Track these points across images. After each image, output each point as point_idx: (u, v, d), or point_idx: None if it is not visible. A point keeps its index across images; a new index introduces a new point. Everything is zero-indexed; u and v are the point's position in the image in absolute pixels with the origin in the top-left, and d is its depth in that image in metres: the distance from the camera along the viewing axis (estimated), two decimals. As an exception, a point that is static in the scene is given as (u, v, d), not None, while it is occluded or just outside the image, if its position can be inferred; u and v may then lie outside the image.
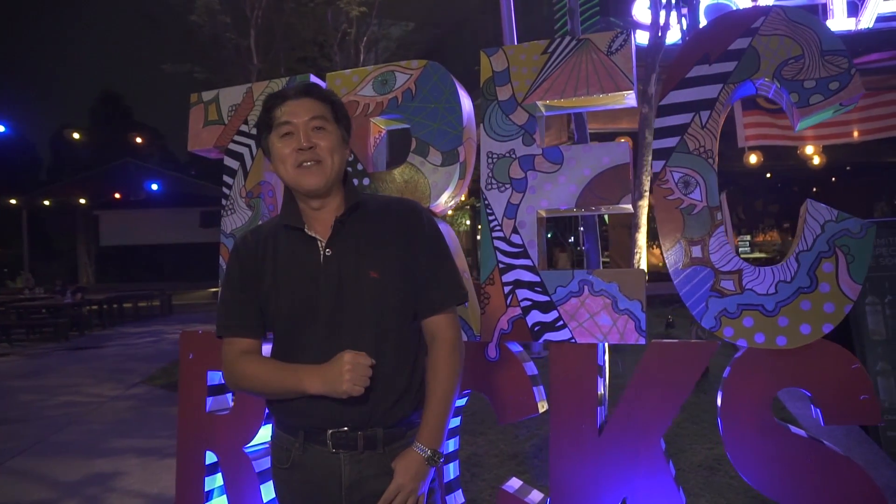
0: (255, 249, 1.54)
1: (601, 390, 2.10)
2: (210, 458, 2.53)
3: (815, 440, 1.86)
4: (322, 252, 1.48)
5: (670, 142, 2.06)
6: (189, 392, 2.58)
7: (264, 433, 2.47)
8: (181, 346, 2.62)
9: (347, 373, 1.36)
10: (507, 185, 2.22)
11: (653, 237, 9.85)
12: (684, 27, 4.99)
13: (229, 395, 2.68)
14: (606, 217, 14.32)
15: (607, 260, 13.63)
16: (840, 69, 1.90)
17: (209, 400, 2.57)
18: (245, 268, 1.54)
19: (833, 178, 16.07)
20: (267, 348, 1.60)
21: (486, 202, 2.25)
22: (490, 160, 2.26)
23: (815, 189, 17.61)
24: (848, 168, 14.50)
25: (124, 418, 6.17)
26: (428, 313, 1.52)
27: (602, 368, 2.14)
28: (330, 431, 1.44)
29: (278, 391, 1.47)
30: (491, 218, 2.23)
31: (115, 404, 6.81)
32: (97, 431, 5.64)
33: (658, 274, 9.15)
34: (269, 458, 2.43)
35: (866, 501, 1.78)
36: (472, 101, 2.42)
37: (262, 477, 2.43)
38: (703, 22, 5.06)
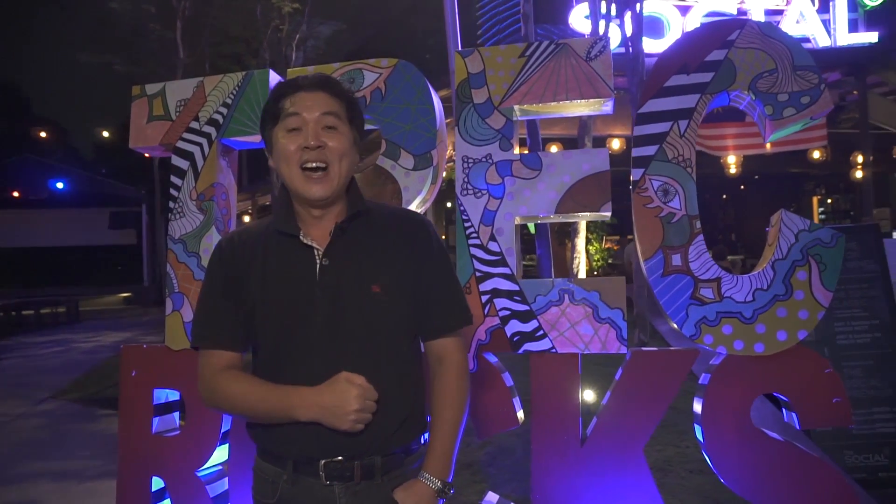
0: (243, 253, 1.39)
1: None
2: (157, 483, 2.32)
3: (790, 443, 1.90)
4: (318, 261, 1.35)
5: (649, 150, 2.06)
6: (132, 412, 2.36)
7: (219, 454, 2.29)
8: (123, 361, 2.40)
9: (355, 413, 1.25)
10: (484, 191, 2.16)
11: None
12: (628, 34, 5.11)
13: (176, 415, 2.48)
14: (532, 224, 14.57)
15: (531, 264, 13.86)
16: (811, 84, 1.96)
17: (155, 420, 2.36)
18: (228, 273, 1.38)
19: (742, 186, 17.12)
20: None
21: (462, 208, 2.18)
22: (465, 164, 2.19)
23: (724, 196, 18.69)
24: (756, 177, 15.48)
25: (35, 438, 5.65)
26: (436, 335, 1.43)
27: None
28: (323, 462, 1.31)
29: (264, 415, 1.33)
30: (467, 224, 2.16)
31: (23, 423, 6.23)
32: (4, 455, 5.13)
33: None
34: (224, 480, 2.29)
35: (841, 501, 1.84)
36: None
37: (217, 502, 2.25)
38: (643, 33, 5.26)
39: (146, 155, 2.77)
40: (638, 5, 4.92)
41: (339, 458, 1.31)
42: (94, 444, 5.34)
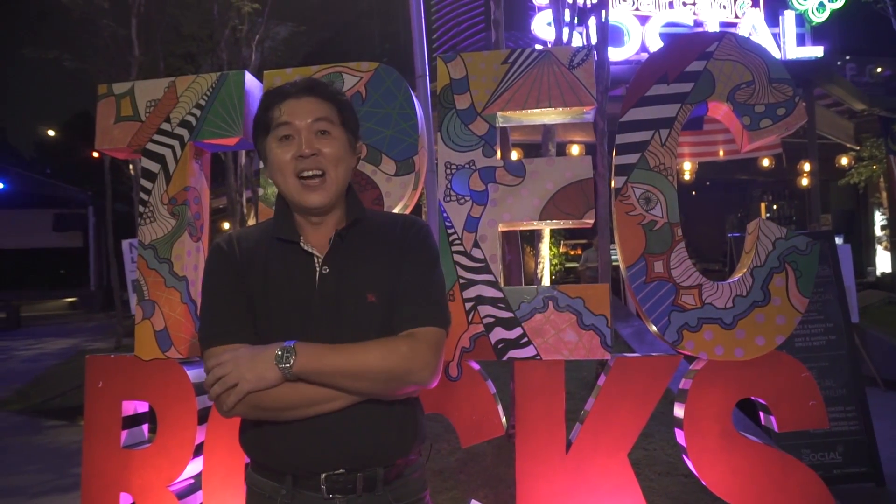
0: (241, 254, 1.34)
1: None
2: (125, 499, 2.22)
3: (770, 447, 1.95)
4: (318, 269, 1.32)
5: (631, 158, 2.09)
6: (98, 426, 2.25)
7: (193, 467, 2.20)
8: (88, 372, 2.28)
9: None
10: (467, 198, 2.15)
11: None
12: (593, 42, 5.18)
13: (146, 427, 2.38)
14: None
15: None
16: (786, 96, 2.03)
17: (123, 433, 2.26)
18: (238, 272, 1.33)
19: (693, 192, 17.61)
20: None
21: (445, 215, 2.16)
22: (448, 170, 2.18)
23: (676, 202, 19.17)
24: (707, 183, 15.94)
25: (-25, 452, 5.36)
26: (399, 328, 1.30)
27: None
28: (324, 475, 1.27)
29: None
30: (450, 231, 2.15)
31: (-38, 436, 5.90)
32: (-57, 470, 4.84)
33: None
34: (198, 494, 2.20)
35: (818, 501, 1.89)
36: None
37: (190, 518, 2.17)
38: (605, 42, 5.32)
39: (95, 155, 2.65)
40: (603, 13, 5.00)
41: (342, 470, 1.27)
42: (41, 458, 5.10)
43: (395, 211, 2.22)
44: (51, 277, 24.61)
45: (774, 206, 17.79)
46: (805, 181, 11.69)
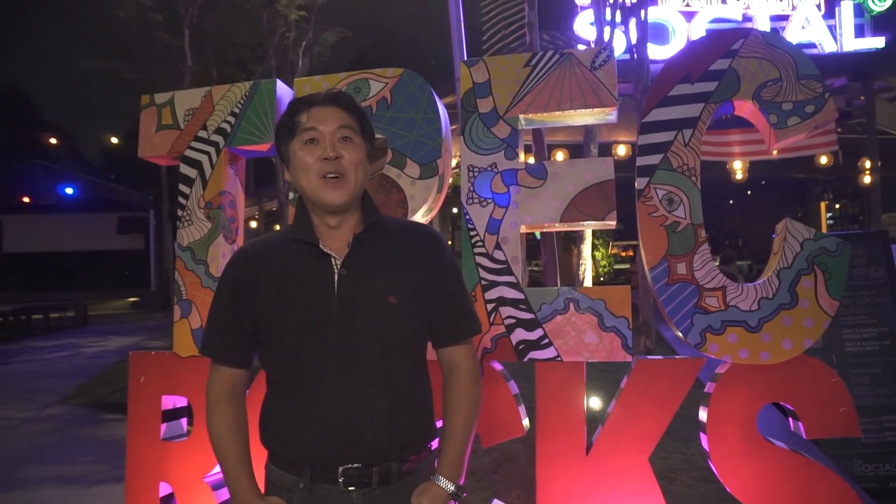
0: (255, 264, 1.42)
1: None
2: (165, 489, 2.33)
3: (796, 453, 1.90)
4: (336, 271, 1.37)
5: (654, 159, 2.07)
6: (140, 418, 2.37)
7: (226, 461, 2.30)
8: (131, 367, 2.41)
9: None
10: (489, 200, 2.17)
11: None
12: (633, 41, 5.11)
13: (184, 421, 2.50)
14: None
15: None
16: (815, 93, 1.97)
17: (163, 426, 2.37)
18: (240, 286, 1.41)
19: (749, 192, 17.08)
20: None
21: (467, 217, 2.19)
22: (471, 173, 2.20)
23: (731, 201, 18.65)
24: (763, 182, 15.43)
25: (40, 443, 5.68)
26: (447, 343, 1.47)
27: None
28: (341, 468, 1.34)
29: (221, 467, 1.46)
30: (472, 233, 2.17)
31: (29, 427, 6.27)
32: (9, 459, 5.16)
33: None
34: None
35: (846, 512, 1.83)
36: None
37: (224, 509, 2.26)
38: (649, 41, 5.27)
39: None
40: (643, 12, 4.93)
41: (358, 464, 1.33)
42: (99, 449, 5.37)
43: (420, 213, 2.27)
44: (115, 278, 25.77)
45: (836, 205, 17.05)
46: (867, 178, 11.17)
